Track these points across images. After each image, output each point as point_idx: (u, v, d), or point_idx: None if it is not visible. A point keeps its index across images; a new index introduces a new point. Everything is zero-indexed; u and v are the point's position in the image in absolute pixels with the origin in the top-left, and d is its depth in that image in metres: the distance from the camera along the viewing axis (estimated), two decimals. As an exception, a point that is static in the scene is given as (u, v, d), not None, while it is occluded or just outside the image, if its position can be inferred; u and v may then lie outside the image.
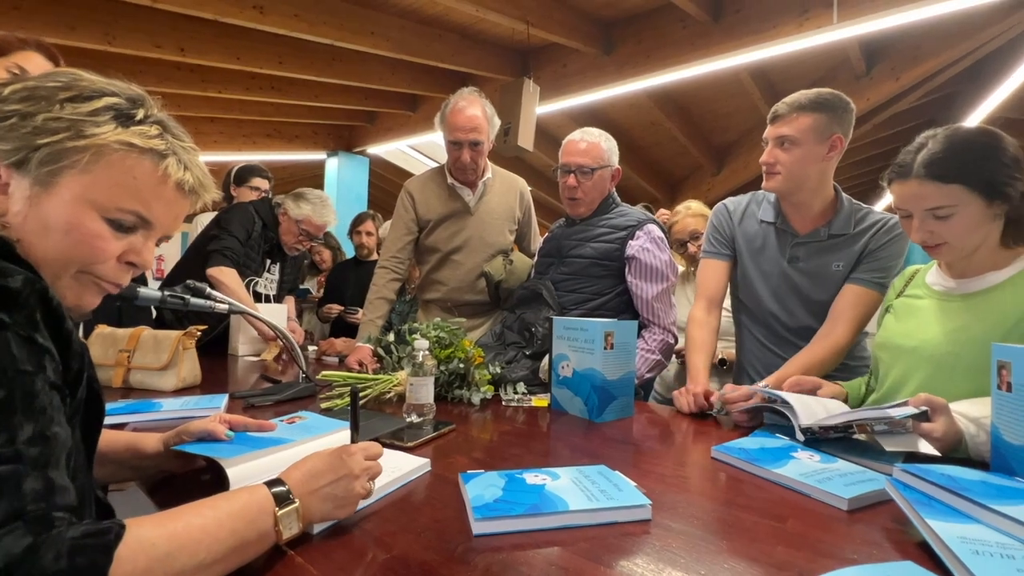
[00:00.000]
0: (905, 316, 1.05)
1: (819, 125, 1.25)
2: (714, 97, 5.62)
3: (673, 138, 6.43)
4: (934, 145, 0.92)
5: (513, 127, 4.16)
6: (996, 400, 0.72)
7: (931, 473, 0.62)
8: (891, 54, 4.55)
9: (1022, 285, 0.89)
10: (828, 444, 0.89)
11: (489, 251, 1.79)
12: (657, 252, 1.48)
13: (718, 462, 0.87)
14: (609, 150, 1.58)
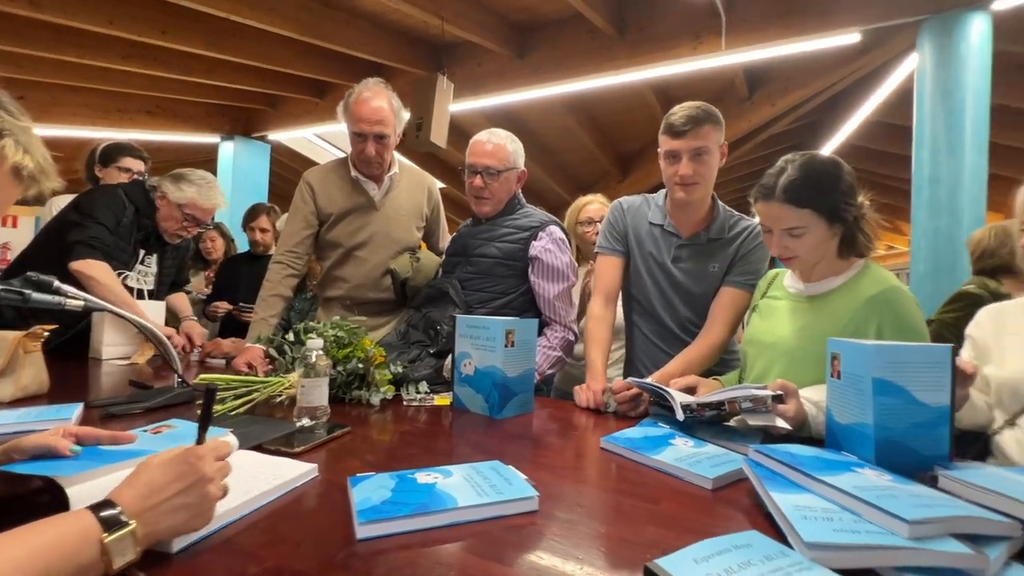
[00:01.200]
0: (767, 315, 1.19)
1: (717, 136, 1.37)
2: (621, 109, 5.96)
3: (584, 145, 6.71)
4: (792, 171, 1.05)
5: (426, 123, 4.10)
6: (829, 386, 0.84)
7: (777, 452, 0.71)
8: (768, 83, 5.11)
9: (852, 289, 1.05)
10: (701, 430, 0.98)
11: (395, 248, 1.74)
12: (558, 253, 1.53)
13: (606, 452, 0.92)
14: (515, 152, 1.61)
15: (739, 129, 5.41)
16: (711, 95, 5.66)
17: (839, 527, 0.54)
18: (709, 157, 1.35)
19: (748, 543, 0.54)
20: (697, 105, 1.37)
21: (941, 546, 0.50)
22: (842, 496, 0.58)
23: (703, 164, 1.35)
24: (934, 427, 0.75)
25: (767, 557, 0.51)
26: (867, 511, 0.55)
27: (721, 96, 5.59)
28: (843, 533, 0.52)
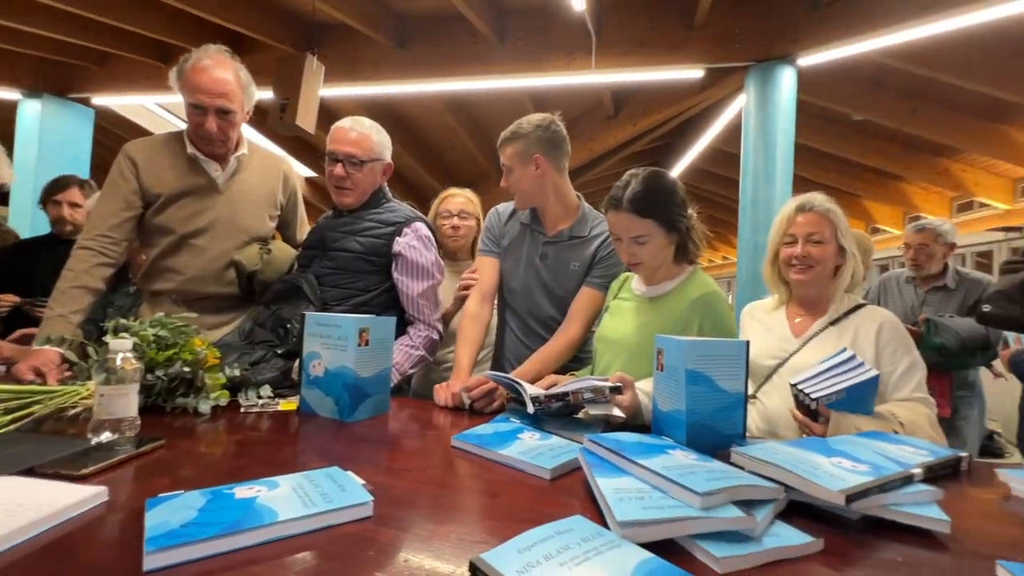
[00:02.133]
0: (615, 315, 1.30)
1: (518, 151, 1.49)
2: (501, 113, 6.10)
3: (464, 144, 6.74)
4: (636, 184, 1.18)
5: (292, 104, 3.78)
6: (655, 378, 0.94)
7: (606, 440, 0.76)
8: (631, 104, 5.61)
9: (682, 292, 1.20)
10: (549, 423, 1.03)
11: (241, 237, 1.56)
12: (423, 250, 1.51)
13: (457, 450, 0.92)
14: (381, 143, 1.55)
15: (606, 143, 5.86)
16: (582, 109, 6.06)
17: (648, 504, 0.59)
18: (514, 171, 1.51)
19: (570, 528, 0.57)
20: (512, 126, 1.53)
21: (723, 513, 0.58)
22: (653, 476, 0.65)
23: (512, 176, 1.52)
24: (732, 410, 0.87)
25: (584, 539, 0.55)
26: (672, 488, 0.62)
27: (591, 111, 6.02)
28: (650, 510, 0.58)
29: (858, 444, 0.88)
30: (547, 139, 1.51)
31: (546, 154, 1.51)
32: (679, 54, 4.23)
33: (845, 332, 1.24)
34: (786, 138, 4.08)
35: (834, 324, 1.26)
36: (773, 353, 1.30)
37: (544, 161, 1.51)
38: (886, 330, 1.21)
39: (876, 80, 5.19)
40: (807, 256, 1.27)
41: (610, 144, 5.86)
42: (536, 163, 1.50)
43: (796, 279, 1.30)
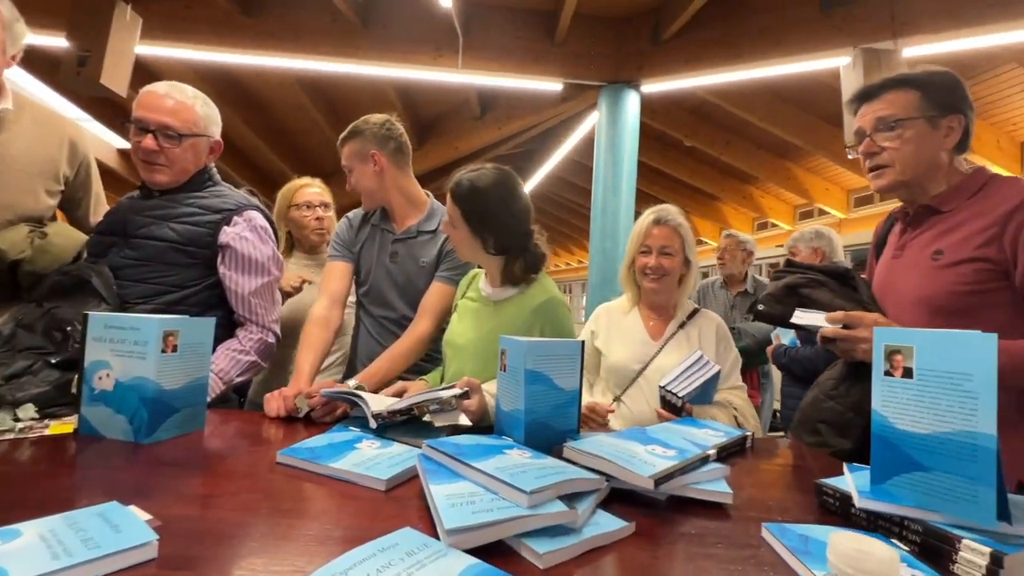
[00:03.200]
0: (463, 317, 1.30)
1: (356, 150, 1.50)
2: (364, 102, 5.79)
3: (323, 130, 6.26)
4: (466, 183, 1.19)
5: (96, 58, 3.13)
6: (499, 378, 0.95)
7: (445, 444, 0.75)
8: (496, 108, 5.76)
9: (526, 298, 1.21)
10: (392, 429, 0.99)
11: (3, 216, 1.23)
12: (258, 243, 1.34)
13: (283, 466, 0.83)
14: (208, 117, 1.35)
15: (471, 144, 5.93)
16: (449, 107, 6.05)
17: (478, 508, 0.59)
18: (354, 171, 1.52)
19: (395, 543, 0.54)
20: (349, 128, 1.54)
21: (548, 509, 0.60)
22: (485, 478, 0.65)
23: (353, 176, 1.53)
24: (568, 407, 0.92)
25: (409, 553, 0.52)
26: (502, 488, 0.63)
27: (458, 110, 6.03)
28: (480, 514, 0.57)
29: (671, 431, 0.99)
30: (383, 136, 1.51)
31: (383, 150, 1.51)
32: (541, 66, 4.45)
33: (692, 334, 1.44)
34: (631, 155, 4.54)
35: (682, 327, 1.46)
36: (637, 358, 1.43)
37: (382, 157, 1.51)
38: (719, 330, 1.45)
39: (702, 113, 6.06)
40: (659, 267, 1.43)
41: (476, 145, 5.94)
42: (374, 159, 1.50)
43: (649, 287, 1.46)
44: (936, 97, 1.05)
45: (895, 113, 1.06)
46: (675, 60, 4.23)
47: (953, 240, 1.03)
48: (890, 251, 1.18)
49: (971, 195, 1.05)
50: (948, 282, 1.01)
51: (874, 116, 1.09)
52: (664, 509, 0.74)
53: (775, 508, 0.77)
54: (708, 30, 4.05)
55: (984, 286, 0.99)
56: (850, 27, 3.52)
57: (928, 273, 1.05)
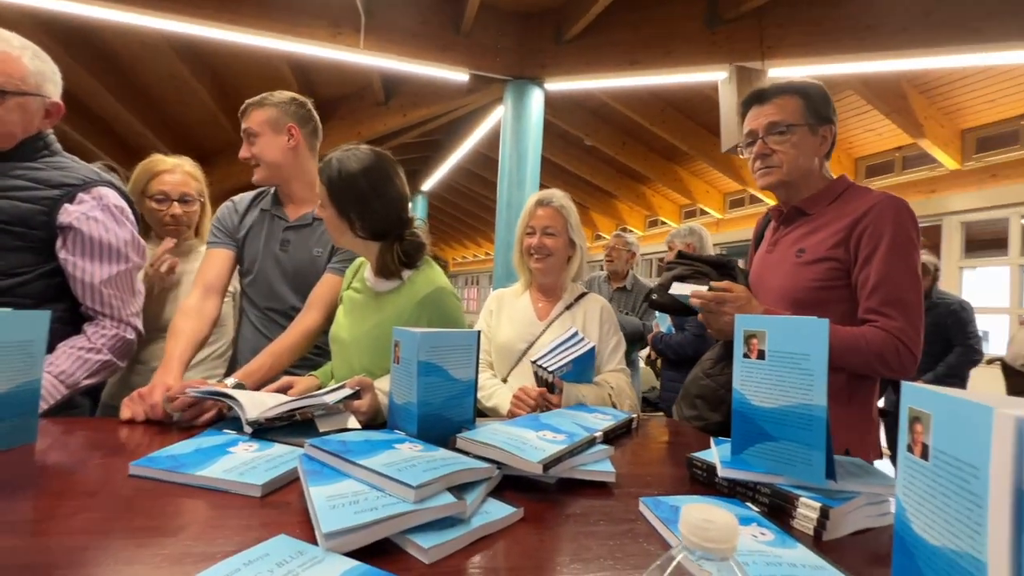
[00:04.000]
0: (349, 310, 1.23)
1: (271, 117, 1.40)
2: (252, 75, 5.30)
3: (204, 104, 5.63)
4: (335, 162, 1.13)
5: None
6: (392, 372, 0.92)
7: (328, 442, 0.70)
8: (401, 94, 5.57)
9: (410, 289, 1.14)
10: (275, 431, 0.91)
11: None
12: (111, 224, 1.16)
13: (137, 479, 0.73)
14: (40, 73, 1.13)
15: (375, 130, 5.69)
16: (351, 89, 5.75)
17: (361, 508, 0.56)
18: (262, 138, 1.39)
19: (266, 553, 0.50)
20: (263, 95, 1.43)
21: (436, 502, 0.59)
22: (371, 475, 0.62)
23: (258, 144, 1.39)
24: (464, 397, 0.92)
25: (281, 562, 0.48)
26: (389, 485, 0.60)
27: (360, 93, 5.75)
28: (363, 513, 0.55)
29: (563, 416, 1.03)
30: (303, 115, 1.45)
31: (301, 128, 1.43)
32: (448, 54, 4.38)
33: (577, 315, 1.46)
34: (535, 150, 4.64)
35: (569, 309, 1.48)
36: (523, 337, 1.44)
37: (299, 133, 1.42)
38: (604, 312, 1.48)
39: (601, 115, 6.37)
40: (542, 246, 1.44)
41: (379, 131, 5.70)
42: (291, 133, 1.41)
43: (535, 267, 1.47)
44: (815, 107, 1.15)
45: (786, 119, 1.15)
46: (576, 61, 4.39)
47: (813, 240, 1.14)
48: (765, 246, 1.30)
49: (831, 200, 1.17)
50: (806, 278, 1.13)
51: (767, 120, 1.16)
52: (554, 492, 0.76)
53: (653, 483, 0.83)
54: (607, 35, 4.25)
55: (833, 283, 1.11)
56: (729, 45, 3.90)
57: (792, 269, 1.16)
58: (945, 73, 4.27)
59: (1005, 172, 4.45)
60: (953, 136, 4.75)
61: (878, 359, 1.02)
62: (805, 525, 0.66)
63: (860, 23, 3.49)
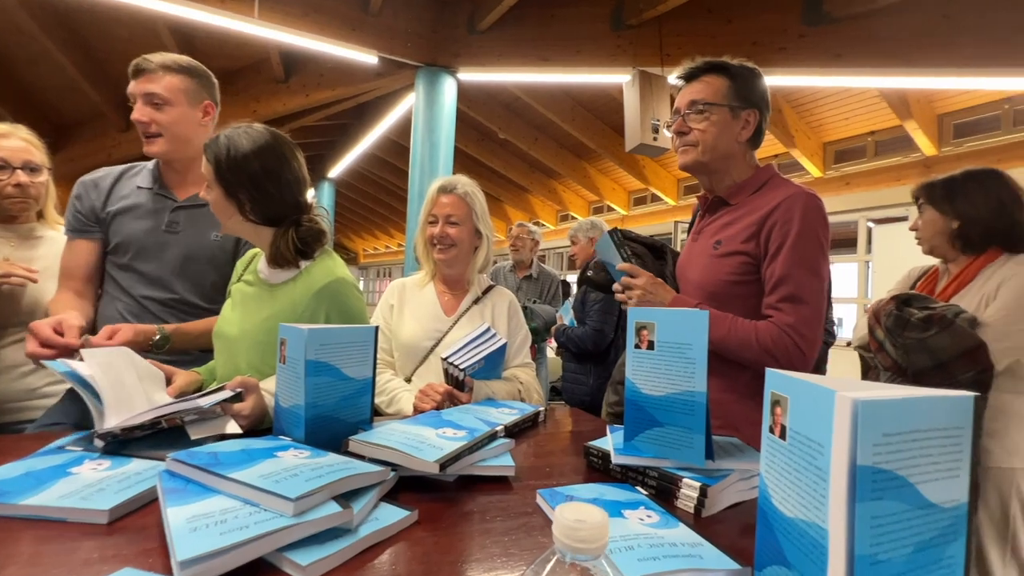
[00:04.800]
0: (238, 304, 1.11)
1: (190, 87, 1.28)
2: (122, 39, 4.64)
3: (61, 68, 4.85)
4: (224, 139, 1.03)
5: None
6: (278, 372, 0.84)
7: (195, 455, 0.63)
8: (304, 73, 5.20)
9: (307, 280, 1.06)
10: (136, 444, 0.80)
11: None
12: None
13: (-61, 514, 0.60)
14: None
15: (273, 109, 5.26)
16: (245, 63, 5.26)
17: (229, 528, 0.50)
18: (174, 107, 1.26)
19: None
20: (177, 56, 1.29)
21: (319, 513, 0.54)
22: (244, 489, 0.56)
23: (167, 112, 1.26)
24: (359, 397, 0.86)
25: (121, 601, 0.41)
26: (264, 499, 0.55)
27: (257, 68, 5.29)
28: (230, 534, 0.49)
29: (467, 412, 1.01)
30: (215, 95, 1.37)
31: (216, 108, 1.35)
32: (355, 34, 4.15)
33: (486, 309, 1.41)
34: (448, 141, 4.56)
35: (477, 302, 1.42)
36: (429, 335, 1.37)
37: (215, 112, 1.34)
38: (512, 307, 1.45)
39: (515, 109, 6.42)
40: (445, 236, 1.37)
41: (279, 110, 5.28)
42: (207, 111, 1.33)
43: (438, 258, 1.40)
44: (741, 89, 1.12)
45: (705, 97, 1.12)
46: (489, 53, 4.37)
47: (730, 232, 1.12)
48: (692, 234, 1.28)
49: (753, 192, 1.13)
50: (720, 271, 1.11)
51: (689, 97, 1.14)
52: (452, 490, 0.74)
53: (553, 473, 0.84)
54: (520, 29, 4.27)
55: (745, 277, 1.09)
56: (633, 50, 4.10)
57: (708, 261, 1.14)
58: (811, 92, 4.84)
59: (856, 181, 5.16)
60: (817, 148, 5.41)
61: (767, 354, 1.02)
62: (687, 504, 0.70)
63: (746, 40, 3.83)
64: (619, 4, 4.10)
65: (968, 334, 1.29)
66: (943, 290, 1.48)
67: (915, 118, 4.34)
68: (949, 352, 1.29)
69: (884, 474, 0.38)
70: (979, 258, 1.45)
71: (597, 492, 0.69)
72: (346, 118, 6.97)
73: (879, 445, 0.38)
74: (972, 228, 1.44)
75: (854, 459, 0.38)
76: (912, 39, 3.42)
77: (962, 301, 1.40)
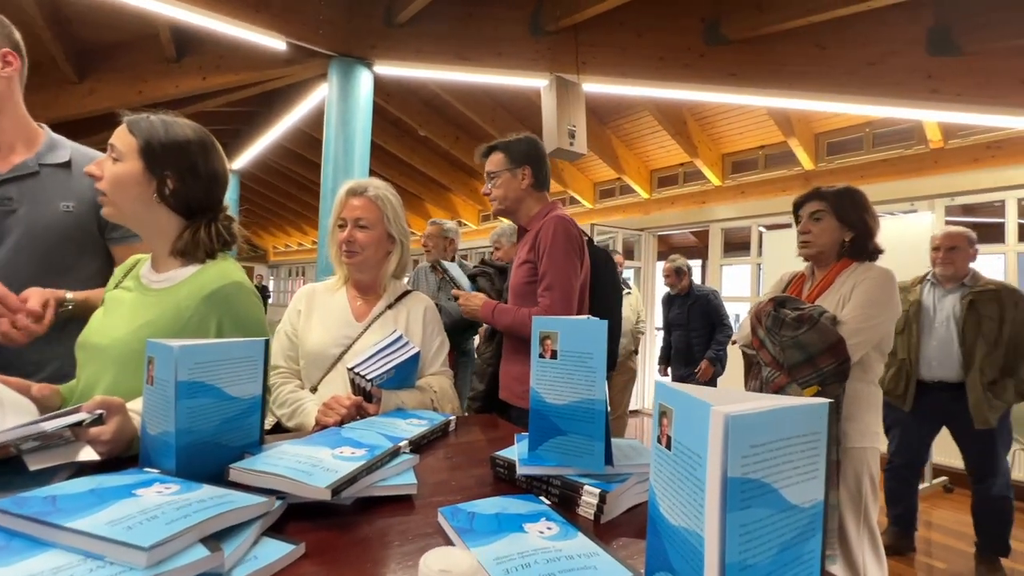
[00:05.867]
0: (109, 311, 0.98)
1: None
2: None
3: None
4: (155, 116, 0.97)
5: None
6: (145, 395, 0.75)
7: (25, 503, 0.53)
8: (199, 53, 4.74)
9: (196, 283, 0.94)
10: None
11: None
12: None
13: None
14: None
15: (164, 91, 4.75)
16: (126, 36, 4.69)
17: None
18: None
19: None
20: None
21: (179, 561, 0.48)
22: (86, 540, 0.48)
23: None
24: (247, 417, 0.79)
25: None
26: (112, 550, 0.47)
27: (142, 46, 4.74)
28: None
29: (371, 426, 0.97)
30: (16, 42, 1.14)
31: (20, 58, 1.15)
32: (260, 16, 3.85)
33: (400, 316, 1.35)
34: (364, 135, 4.37)
35: (391, 308, 1.36)
36: (338, 341, 1.29)
37: (18, 63, 1.14)
38: (429, 312, 1.40)
39: (435, 106, 6.31)
40: (352, 241, 1.30)
41: (170, 92, 4.77)
42: (5, 59, 1.12)
43: (346, 263, 1.33)
44: (514, 155, 1.68)
45: (492, 169, 1.72)
46: (406, 48, 4.25)
47: (525, 249, 1.64)
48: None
49: (541, 219, 1.64)
50: (520, 277, 1.64)
51: (487, 170, 1.73)
52: (348, 515, 0.70)
53: (457, 488, 0.82)
54: (439, 25, 4.20)
55: (532, 279, 1.60)
56: (551, 55, 4.18)
57: (516, 270, 1.67)
58: (713, 107, 5.24)
59: (750, 190, 5.67)
60: (717, 158, 5.87)
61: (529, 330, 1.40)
62: (588, 511, 0.72)
63: (654, 55, 4.06)
64: (537, 9, 4.16)
65: (830, 331, 1.47)
66: (810, 293, 1.68)
67: (796, 136, 4.85)
68: (816, 347, 1.47)
69: (751, 483, 0.40)
70: (836, 265, 1.66)
71: (500, 506, 0.68)
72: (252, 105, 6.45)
73: (747, 456, 0.40)
74: (862, 241, 1.64)
75: (725, 471, 0.40)
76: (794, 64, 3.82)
77: (824, 302, 1.60)
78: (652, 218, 6.56)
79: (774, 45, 3.81)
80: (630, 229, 6.61)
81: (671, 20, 4.08)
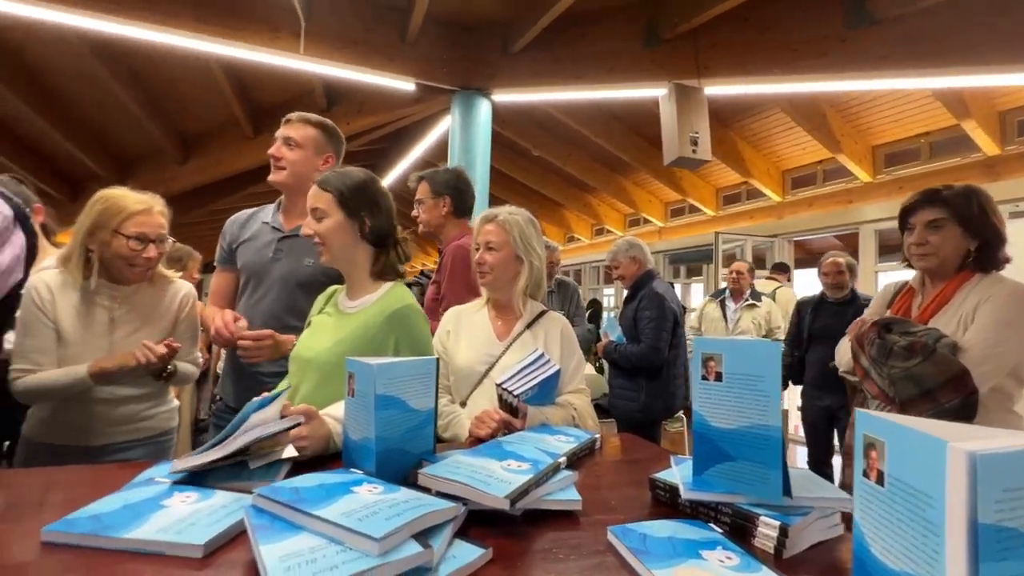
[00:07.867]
0: (314, 331, 1.18)
1: (314, 137, 1.58)
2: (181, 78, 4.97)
3: (124, 106, 5.22)
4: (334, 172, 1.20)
5: None
6: (347, 405, 0.87)
7: (279, 491, 0.65)
8: (345, 101, 5.41)
9: (380, 305, 1.14)
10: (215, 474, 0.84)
11: None
12: None
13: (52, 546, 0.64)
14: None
15: (318, 138, 5.48)
16: (290, 96, 5.52)
17: (321, 567, 0.52)
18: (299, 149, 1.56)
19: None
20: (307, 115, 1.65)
21: (402, 553, 0.55)
22: (329, 527, 0.58)
23: (293, 151, 1.56)
24: (423, 428, 0.88)
25: (230, 642, 0.43)
26: (349, 537, 0.56)
27: (301, 99, 5.54)
28: (323, 573, 0.51)
29: (526, 441, 1.01)
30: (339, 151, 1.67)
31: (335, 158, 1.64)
32: (393, 63, 4.30)
33: (539, 335, 1.42)
34: (483, 161, 4.63)
35: (529, 328, 1.44)
36: (483, 360, 1.39)
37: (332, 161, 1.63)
38: (565, 331, 1.45)
39: (548, 126, 6.47)
40: (483, 263, 1.42)
41: (323, 140, 5.50)
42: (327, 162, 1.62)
43: (480, 283, 1.45)
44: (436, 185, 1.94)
45: (418, 197, 1.96)
46: (523, 73, 4.44)
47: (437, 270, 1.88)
48: None
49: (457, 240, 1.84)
50: (430, 294, 1.86)
51: (415, 197, 1.98)
52: (520, 525, 0.74)
53: (618, 507, 0.83)
54: (553, 50, 4.33)
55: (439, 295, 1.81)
56: (668, 64, 4.07)
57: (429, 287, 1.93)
58: (857, 95, 4.67)
59: (911, 184, 4.91)
60: (866, 152, 5.19)
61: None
62: (766, 544, 0.68)
63: (786, 48, 3.75)
64: (652, 19, 4.10)
65: (951, 361, 1.23)
66: (922, 311, 1.41)
67: (974, 116, 4.11)
68: (934, 380, 1.23)
69: (1008, 532, 0.36)
70: (956, 277, 1.38)
71: (671, 530, 0.68)
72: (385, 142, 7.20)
73: (1001, 502, 0.36)
74: (989, 250, 1.37)
75: (974, 516, 0.36)
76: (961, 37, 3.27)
77: (940, 322, 1.34)
78: (786, 222, 5.98)
79: (930, 20, 3.31)
80: (760, 236, 6.09)
81: (801, 9, 3.75)
